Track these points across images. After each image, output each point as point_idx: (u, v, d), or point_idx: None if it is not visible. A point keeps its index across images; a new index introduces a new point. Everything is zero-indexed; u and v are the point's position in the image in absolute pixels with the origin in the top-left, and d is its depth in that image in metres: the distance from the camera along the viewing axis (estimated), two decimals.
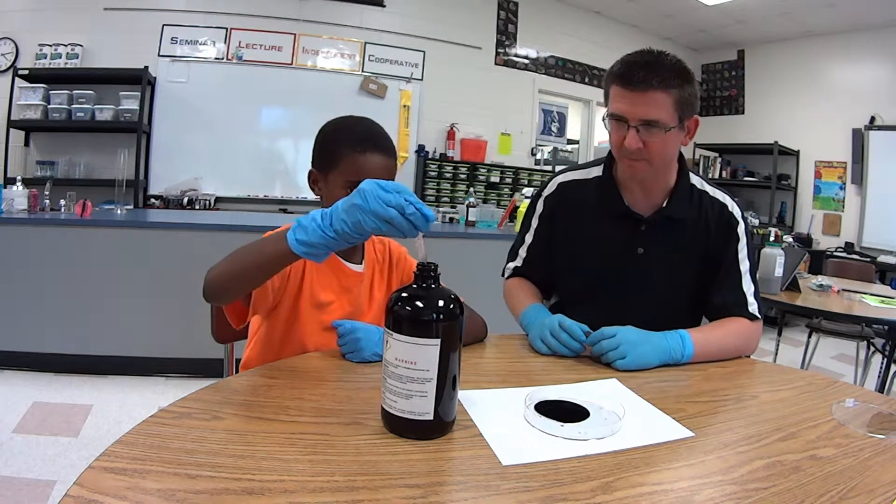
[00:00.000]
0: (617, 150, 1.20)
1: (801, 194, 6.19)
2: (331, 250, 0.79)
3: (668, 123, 1.13)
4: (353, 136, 1.09)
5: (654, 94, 1.11)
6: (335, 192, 1.07)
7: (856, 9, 5.19)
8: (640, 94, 1.12)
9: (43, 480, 1.88)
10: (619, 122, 1.16)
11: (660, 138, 1.14)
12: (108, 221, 2.97)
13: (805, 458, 0.72)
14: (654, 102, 1.12)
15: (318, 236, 0.76)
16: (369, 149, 1.07)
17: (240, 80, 4.88)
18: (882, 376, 2.61)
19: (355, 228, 0.74)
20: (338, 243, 0.77)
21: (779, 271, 2.50)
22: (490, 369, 1.05)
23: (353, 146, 1.07)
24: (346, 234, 0.75)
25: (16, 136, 4.30)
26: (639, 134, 1.13)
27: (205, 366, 2.88)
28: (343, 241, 0.77)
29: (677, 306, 1.31)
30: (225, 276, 0.89)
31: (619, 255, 1.29)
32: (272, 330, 1.12)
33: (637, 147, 1.14)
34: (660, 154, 1.17)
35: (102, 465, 0.58)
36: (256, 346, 1.15)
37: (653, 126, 1.13)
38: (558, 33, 6.16)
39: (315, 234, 0.77)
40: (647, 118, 1.12)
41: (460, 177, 5.62)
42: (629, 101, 1.13)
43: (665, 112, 1.13)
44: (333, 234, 0.76)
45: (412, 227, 0.73)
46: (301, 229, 0.78)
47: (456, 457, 0.68)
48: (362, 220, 0.73)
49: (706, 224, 1.27)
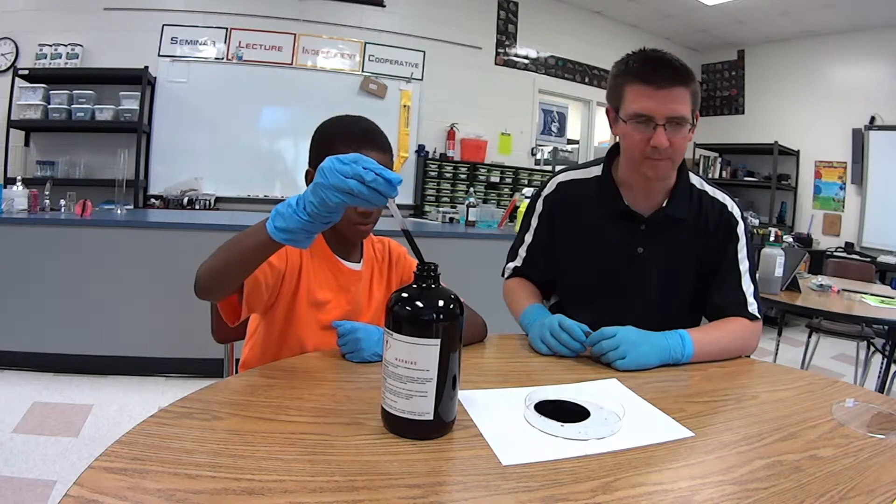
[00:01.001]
0: (640, 151, 1.17)
1: (801, 194, 6.19)
2: (310, 234, 0.79)
3: (689, 119, 1.15)
4: (348, 133, 1.09)
5: (679, 90, 1.12)
6: None
7: (856, 9, 5.19)
8: (667, 91, 1.12)
9: (43, 480, 1.88)
10: (643, 123, 1.15)
11: (682, 135, 1.15)
12: (108, 221, 2.97)
13: (805, 458, 0.72)
14: (679, 99, 1.13)
15: (294, 221, 0.77)
16: (365, 146, 1.07)
17: (240, 80, 4.88)
18: (882, 376, 2.61)
19: (322, 206, 0.75)
20: (313, 225, 0.77)
21: (779, 271, 2.50)
22: (490, 369, 1.05)
23: (348, 144, 1.06)
24: (317, 214, 0.76)
25: (16, 136, 4.30)
26: (665, 131, 1.13)
27: (205, 366, 2.88)
28: (318, 223, 0.77)
29: (677, 306, 1.31)
30: (212, 270, 0.90)
31: (619, 254, 1.29)
32: (270, 329, 1.12)
33: (666, 145, 1.13)
34: (681, 151, 1.18)
35: (102, 465, 0.58)
36: (255, 347, 1.15)
37: (679, 123, 1.13)
38: (558, 33, 6.16)
39: (291, 219, 0.77)
40: (675, 115, 1.12)
41: (460, 177, 5.62)
42: (656, 99, 1.12)
43: (687, 108, 1.14)
44: (307, 217, 0.76)
45: (377, 193, 0.73)
46: (279, 216, 0.79)
47: (456, 457, 0.68)
48: (325, 196, 0.74)
49: (706, 224, 1.27)
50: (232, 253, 0.89)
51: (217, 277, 0.91)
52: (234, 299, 1.00)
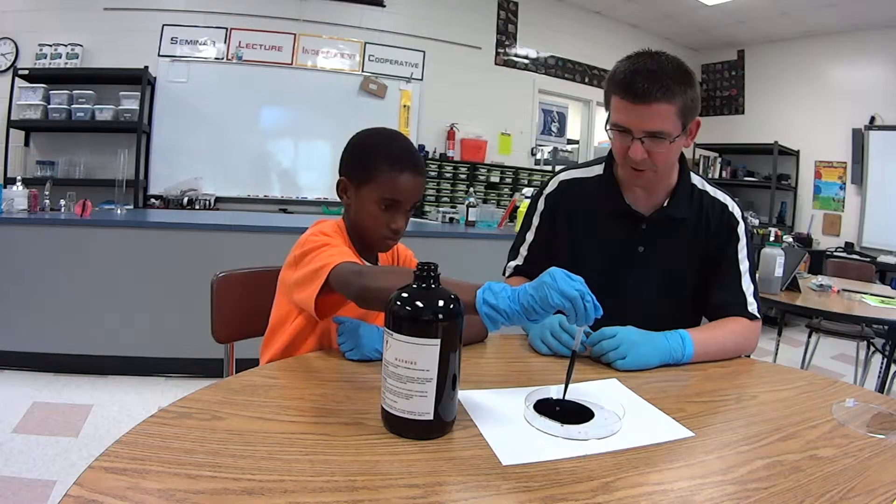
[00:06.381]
0: (621, 158, 1.19)
1: (801, 194, 6.19)
2: (507, 321, 0.82)
3: (672, 134, 1.12)
4: (390, 153, 1.11)
5: (658, 106, 1.09)
6: (366, 206, 1.12)
7: (856, 9, 5.19)
8: (645, 107, 1.10)
9: (43, 480, 1.88)
10: (622, 133, 1.15)
11: (664, 148, 1.14)
12: (108, 221, 2.97)
13: (805, 458, 0.72)
14: (658, 115, 1.10)
15: (504, 303, 0.81)
16: (407, 168, 1.10)
17: (240, 80, 4.88)
18: (882, 376, 2.61)
19: (540, 303, 0.80)
20: (517, 316, 0.81)
21: (779, 271, 2.49)
22: (490, 369, 1.05)
23: (390, 164, 1.09)
24: (528, 309, 0.80)
25: (16, 136, 4.30)
26: (643, 145, 1.13)
27: (205, 366, 2.88)
28: (522, 317, 0.81)
29: (677, 305, 1.32)
30: (390, 292, 0.87)
31: (620, 253, 1.29)
32: (309, 321, 1.11)
33: (642, 157, 1.13)
34: (664, 162, 1.17)
35: (102, 465, 0.58)
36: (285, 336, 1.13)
37: (658, 137, 1.12)
38: (558, 33, 6.16)
39: (503, 301, 0.81)
40: (652, 130, 1.11)
41: (460, 177, 5.62)
42: (633, 113, 1.12)
43: (669, 123, 1.11)
44: (518, 306, 0.81)
45: (585, 314, 0.81)
46: (490, 292, 0.82)
47: (456, 457, 0.68)
48: (548, 296, 0.79)
49: (707, 224, 1.28)
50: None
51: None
52: (335, 298, 1.01)
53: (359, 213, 1.14)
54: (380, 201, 1.10)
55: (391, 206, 1.11)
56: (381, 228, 1.12)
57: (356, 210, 1.14)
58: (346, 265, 0.97)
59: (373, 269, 1.02)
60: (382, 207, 1.11)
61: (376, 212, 1.11)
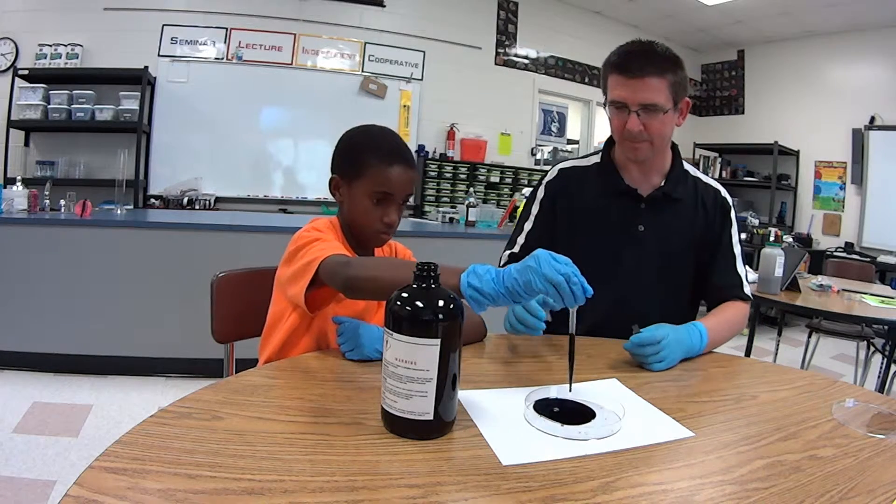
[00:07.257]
0: (619, 134, 1.27)
1: (801, 194, 6.19)
2: (493, 303, 0.82)
3: (665, 106, 1.22)
4: (379, 148, 1.13)
5: (651, 80, 1.20)
6: (358, 201, 1.13)
7: (856, 9, 5.19)
8: (639, 81, 1.20)
9: (43, 480, 1.88)
10: (619, 109, 1.24)
11: (658, 120, 1.22)
12: (108, 221, 2.97)
13: (805, 458, 0.72)
14: (651, 87, 1.20)
15: (489, 286, 0.81)
16: (396, 161, 1.12)
17: (240, 80, 4.87)
18: (882, 376, 2.61)
19: (524, 287, 0.80)
20: (502, 298, 0.81)
21: (779, 271, 2.49)
22: (490, 369, 1.05)
23: (380, 158, 1.11)
24: (513, 292, 0.80)
25: (16, 136, 4.30)
26: (639, 117, 1.21)
27: (205, 366, 2.88)
28: (507, 299, 0.81)
29: (677, 285, 1.36)
30: (377, 282, 0.91)
31: (620, 232, 1.34)
32: (303, 320, 1.11)
33: (639, 129, 1.22)
34: (659, 134, 1.25)
35: (102, 465, 0.58)
36: (280, 336, 1.12)
37: (652, 109, 1.21)
38: (558, 33, 6.16)
39: (487, 284, 0.81)
40: (646, 102, 1.20)
41: (460, 177, 5.62)
42: (628, 88, 1.21)
43: (662, 95, 1.21)
44: (503, 289, 0.81)
45: (572, 296, 0.80)
46: (475, 275, 0.82)
47: (456, 457, 0.68)
48: (532, 280, 0.79)
49: (703, 206, 1.35)
50: (401, 278, 0.83)
51: (377, 291, 0.91)
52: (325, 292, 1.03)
53: (352, 209, 1.15)
54: (371, 195, 1.12)
55: (383, 200, 1.12)
56: (375, 223, 1.13)
57: (349, 206, 1.15)
58: (334, 257, 0.98)
59: (360, 260, 1.02)
60: (374, 202, 1.12)
61: (369, 206, 1.12)
